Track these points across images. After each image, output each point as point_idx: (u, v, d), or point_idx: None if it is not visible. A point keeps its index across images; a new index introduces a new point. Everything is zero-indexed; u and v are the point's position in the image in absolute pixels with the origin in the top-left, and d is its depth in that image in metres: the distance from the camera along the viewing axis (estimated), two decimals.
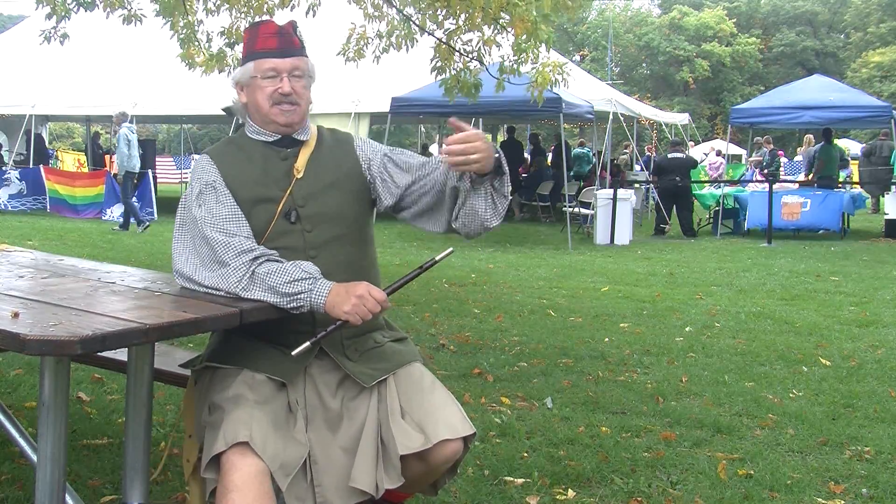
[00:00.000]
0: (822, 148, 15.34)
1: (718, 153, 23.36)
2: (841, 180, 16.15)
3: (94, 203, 15.21)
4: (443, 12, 6.29)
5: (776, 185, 13.73)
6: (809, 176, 15.77)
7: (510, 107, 12.59)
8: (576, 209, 14.08)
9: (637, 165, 19.58)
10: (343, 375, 2.27)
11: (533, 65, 6.21)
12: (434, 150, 20.61)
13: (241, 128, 2.46)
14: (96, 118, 19.95)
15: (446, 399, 2.25)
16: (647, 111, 19.88)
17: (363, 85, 12.98)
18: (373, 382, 2.25)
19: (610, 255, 11.18)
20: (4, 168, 16.51)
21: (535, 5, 5.59)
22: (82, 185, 15.66)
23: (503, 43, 6.35)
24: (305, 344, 2.16)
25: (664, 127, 21.46)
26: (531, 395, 4.38)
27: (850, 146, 27.63)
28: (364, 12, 6.76)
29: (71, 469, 2.99)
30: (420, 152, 21.94)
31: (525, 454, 3.51)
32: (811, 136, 18.54)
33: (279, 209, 2.29)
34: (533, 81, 6.29)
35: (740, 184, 16.12)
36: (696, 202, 15.22)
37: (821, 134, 15.80)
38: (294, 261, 2.20)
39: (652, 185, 15.60)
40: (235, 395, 2.13)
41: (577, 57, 41.36)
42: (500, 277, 8.80)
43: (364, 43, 6.79)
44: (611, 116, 14.93)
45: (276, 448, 2.06)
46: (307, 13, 6.53)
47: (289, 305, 2.16)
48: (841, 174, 17.27)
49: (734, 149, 25.93)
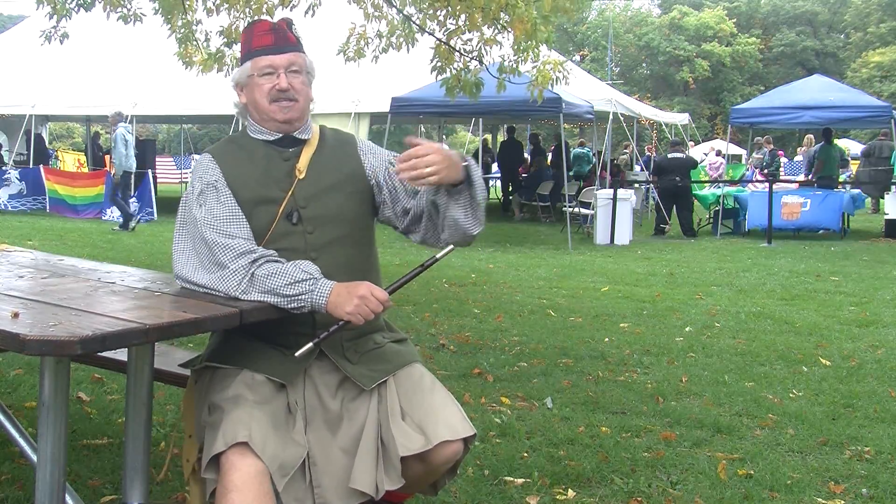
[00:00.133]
0: (822, 148, 15.34)
1: (718, 153, 23.36)
2: (842, 181, 16.13)
3: (94, 203, 15.21)
4: (443, 12, 6.29)
5: (776, 185, 13.73)
6: (809, 176, 15.77)
7: (510, 107, 12.59)
8: (576, 209, 14.08)
9: (637, 165, 19.58)
10: (343, 376, 2.27)
11: (533, 63, 6.21)
12: None
13: (244, 127, 2.46)
14: (96, 118, 19.93)
15: (446, 400, 2.25)
16: (647, 111, 19.87)
17: (363, 85, 12.98)
18: (373, 385, 2.24)
19: (610, 255, 11.18)
20: (4, 168, 16.51)
21: (536, 5, 5.59)
22: (82, 186, 15.67)
23: (503, 42, 6.35)
24: (308, 345, 2.16)
25: (664, 127, 21.46)
26: (531, 395, 4.38)
27: (850, 146, 27.62)
28: (364, 12, 6.76)
29: (71, 469, 2.99)
30: None
31: (525, 454, 3.51)
32: (812, 137, 18.54)
33: (281, 210, 2.28)
34: (533, 80, 6.29)
35: (740, 184, 16.12)
36: (696, 202, 15.22)
37: (821, 134, 15.80)
38: (294, 261, 2.20)
39: (652, 185, 15.60)
40: (235, 396, 2.13)
41: (577, 57, 41.36)
42: (500, 277, 8.80)
43: (364, 43, 6.78)
44: (611, 116, 14.93)
45: (276, 448, 2.06)
46: (307, 13, 6.53)
47: (290, 306, 2.15)
48: (842, 175, 17.26)
49: (734, 149, 25.93)
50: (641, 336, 5.93)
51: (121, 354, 2.57)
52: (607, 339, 5.77)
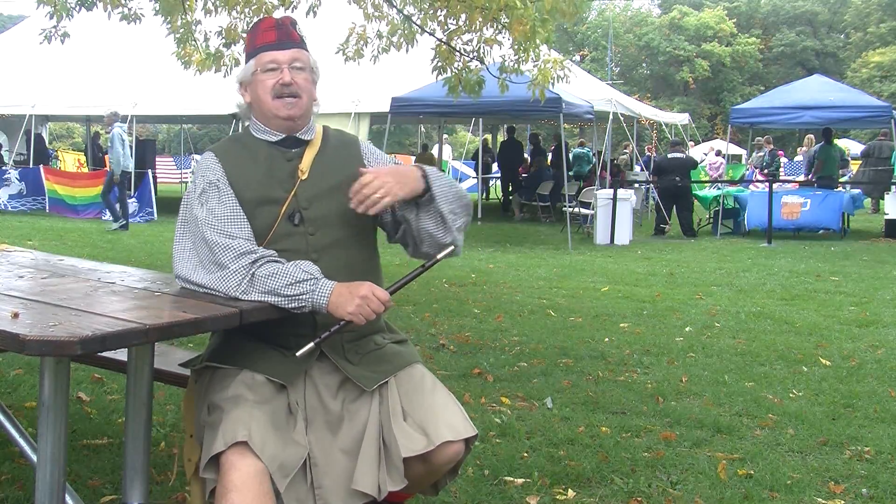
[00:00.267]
0: (822, 148, 15.34)
1: (718, 153, 23.36)
2: (842, 181, 16.13)
3: (94, 203, 15.20)
4: (443, 12, 6.29)
5: (776, 185, 13.73)
6: (809, 176, 15.77)
7: (510, 107, 12.59)
8: (576, 209, 14.08)
9: (637, 165, 19.57)
10: (344, 377, 2.27)
11: (534, 63, 6.21)
12: (434, 152, 20.59)
13: (247, 126, 2.45)
14: (96, 118, 19.91)
15: (448, 400, 2.25)
16: (647, 111, 19.87)
17: (363, 85, 12.99)
18: (374, 386, 2.24)
19: (610, 255, 11.18)
20: (4, 168, 16.50)
21: (535, 5, 5.59)
22: (82, 186, 15.66)
23: (504, 42, 6.35)
24: (309, 345, 2.16)
25: (664, 127, 21.46)
26: (531, 395, 4.38)
27: (850, 146, 27.62)
28: (364, 12, 6.76)
29: (71, 469, 2.99)
30: (420, 152, 21.98)
31: (525, 454, 3.51)
32: (812, 137, 18.53)
33: (283, 211, 2.28)
34: (534, 79, 6.29)
35: (741, 184, 16.12)
36: (696, 202, 15.22)
37: (821, 134, 15.80)
38: (295, 261, 2.19)
39: (652, 185, 15.60)
40: (235, 396, 2.13)
41: (577, 57, 41.36)
42: (500, 277, 8.80)
43: (363, 43, 6.78)
44: (611, 116, 14.93)
45: (276, 448, 2.05)
46: (307, 13, 6.53)
47: (290, 306, 2.15)
48: (843, 176, 17.25)
49: (734, 149, 25.93)
50: (641, 336, 5.92)
51: (121, 354, 2.57)
52: (607, 339, 5.77)
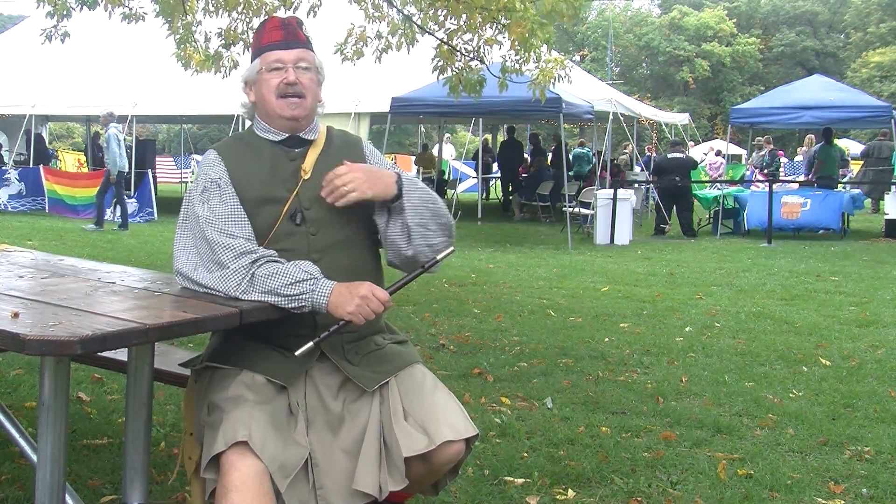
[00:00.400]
0: (822, 148, 15.34)
1: (718, 153, 23.36)
2: (843, 181, 16.13)
3: (94, 203, 15.17)
4: (443, 12, 6.29)
5: (776, 185, 13.72)
6: (809, 176, 15.76)
7: (510, 107, 12.60)
8: (576, 209, 14.08)
9: (637, 165, 19.57)
10: (344, 378, 2.27)
11: (535, 63, 6.21)
12: (435, 152, 20.59)
13: (251, 125, 2.45)
14: (96, 118, 19.90)
15: (448, 400, 2.25)
16: (647, 111, 19.87)
17: (363, 85, 12.98)
18: (375, 386, 2.24)
19: (610, 255, 11.18)
20: (4, 168, 16.50)
21: (535, 5, 5.59)
22: (82, 186, 15.64)
23: (504, 42, 6.35)
24: (308, 344, 2.16)
25: (664, 127, 21.46)
26: (531, 395, 4.38)
27: (850, 146, 27.61)
28: (365, 13, 6.76)
29: (71, 469, 2.99)
30: (420, 152, 21.98)
31: (525, 454, 3.51)
32: (812, 137, 18.53)
33: (285, 210, 2.28)
34: (535, 79, 6.29)
35: (741, 184, 16.12)
36: (696, 202, 15.22)
37: (821, 134, 15.79)
38: (295, 261, 2.19)
39: (652, 185, 15.60)
40: (235, 396, 2.13)
41: (577, 57, 41.34)
42: (500, 277, 8.80)
43: (363, 43, 6.79)
44: (611, 116, 14.93)
45: (276, 449, 2.05)
46: (308, 13, 6.53)
47: (290, 306, 2.15)
48: (844, 177, 17.25)
49: (734, 149, 25.92)
50: (641, 336, 5.92)
51: (121, 354, 2.57)
52: (607, 339, 5.77)
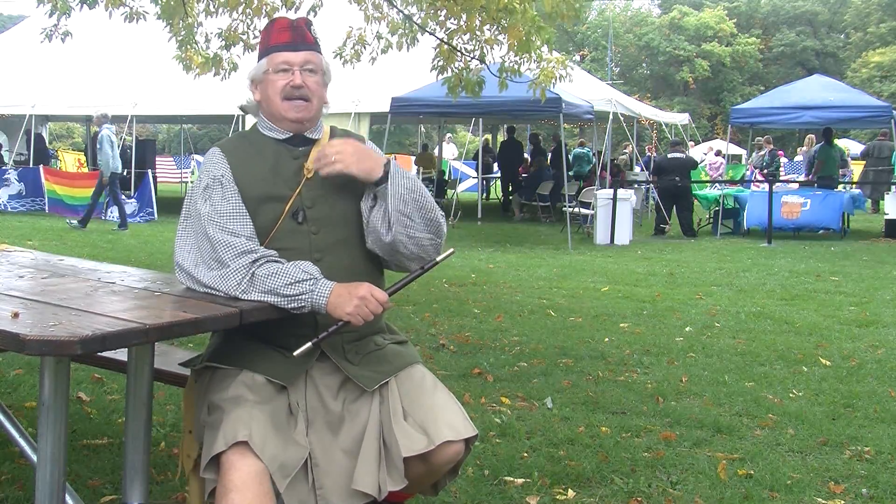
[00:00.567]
0: (822, 148, 15.33)
1: (718, 153, 23.36)
2: (843, 182, 16.12)
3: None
4: (443, 12, 6.29)
5: (776, 186, 13.72)
6: (809, 176, 15.76)
7: (510, 107, 12.59)
8: (576, 209, 14.08)
9: (637, 165, 19.57)
10: (344, 378, 2.27)
11: (535, 63, 6.21)
12: (435, 152, 20.59)
13: (255, 123, 2.45)
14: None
15: (448, 400, 2.25)
16: (647, 111, 19.87)
17: (363, 85, 12.98)
18: (375, 386, 2.24)
19: (610, 255, 11.18)
20: (4, 168, 16.50)
21: (535, 5, 5.59)
22: (81, 186, 15.61)
23: (504, 42, 6.35)
24: (307, 344, 2.16)
25: (664, 127, 21.46)
26: (531, 395, 4.38)
27: (850, 146, 27.61)
28: (364, 13, 6.76)
29: (71, 469, 2.99)
30: (420, 152, 21.98)
31: (525, 454, 3.51)
32: (812, 137, 18.52)
33: (287, 208, 2.28)
34: (535, 79, 6.29)
35: (741, 184, 16.11)
36: (696, 202, 15.22)
37: (821, 134, 15.78)
38: (294, 261, 2.19)
39: (652, 185, 15.60)
40: (235, 396, 2.13)
41: (577, 57, 41.33)
42: (500, 277, 8.80)
43: (362, 46, 6.79)
44: (611, 116, 14.93)
45: (276, 449, 2.05)
46: (309, 13, 6.53)
47: (290, 306, 2.15)
48: (843, 177, 17.23)
49: (734, 149, 25.92)
50: (641, 336, 5.93)
51: (121, 354, 2.57)
52: (607, 339, 5.77)
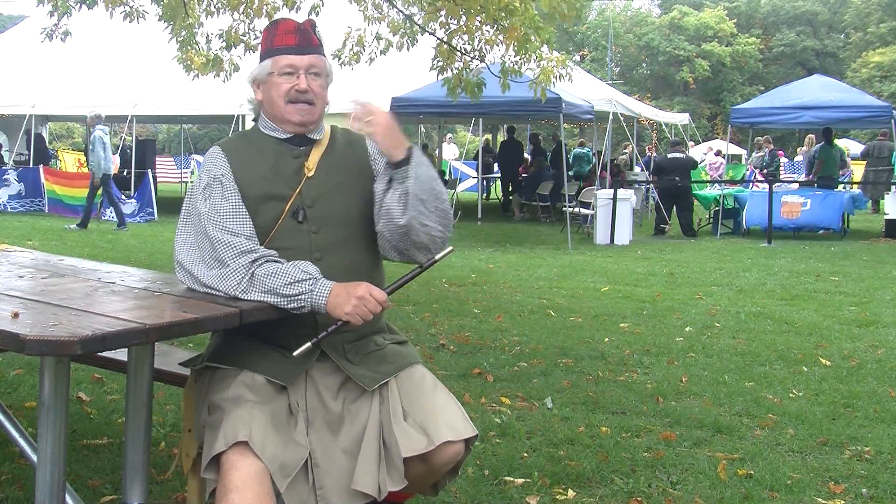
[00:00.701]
0: (822, 148, 15.32)
1: (718, 153, 23.36)
2: (842, 182, 16.12)
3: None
4: (443, 12, 6.29)
5: (776, 186, 13.71)
6: (810, 177, 15.75)
7: (510, 107, 12.59)
8: (576, 209, 14.08)
9: (637, 165, 19.57)
10: (344, 378, 2.27)
11: (536, 63, 6.21)
12: (436, 152, 20.58)
13: (255, 122, 2.45)
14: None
15: (448, 400, 2.25)
16: (647, 111, 19.87)
17: (363, 85, 12.95)
18: (375, 386, 2.24)
19: (610, 255, 11.18)
20: (5, 168, 16.49)
21: (535, 5, 5.59)
22: (80, 186, 15.60)
23: (503, 42, 6.35)
24: (306, 345, 2.16)
25: (664, 127, 21.46)
26: (531, 395, 4.38)
27: (850, 146, 27.61)
28: (364, 14, 6.76)
29: (71, 469, 2.99)
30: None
31: (525, 454, 3.51)
32: (813, 137, 18.51)
33: (287, 207, 2.28)
34: (536, 79, 6.29)
35: (741, 184, 16.11)
36: (696, 202, 15.22)
37: (821, 134, 15.78)
38: (294, 261, 2.19)
39: (652, 185, 15.60)
40: (235, 396, 2.13)
41: (577, 57, 41.31)
42: (500, 277, 8.80)
43: (361, 47, 6.79)
44: (611, 116, 14.92)
45: (276, 449, 2.05)
46: (310, 13, 6.53)
47: (289, 306, 2.15)
48: (842, 177, 17.23)
49: (734, 149, 25.92)
50: (641, 336, 5.92)
51: (121, 354, 2.57)
52: (607, 339, 5.77)
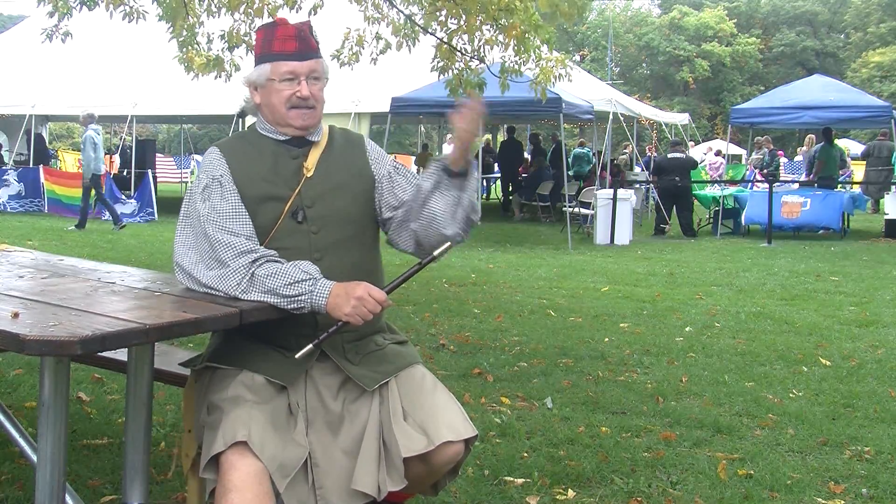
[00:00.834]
0: (822, 148, 15.32)
1: (718, 153, 23.36)
2: (841, 182, 16.11)
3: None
4: (443, 12, 6.29)
5: (776, 185, 13.71)
6: (810, 177, 15.75)
7: (510, 107, 12.59)
8: (576, 209, 14.08)
9: (637, 165, 19.57)
10: (344, 378, 2.27)
11: (535, 63, 6.22)
12: (436, 152, 20.56)
13: (253, 123, 2.45)
14: (96, 118, 19.93)
15: (448, 401, 2.25)
16: (647, 111, 19.87)
17: (363, 85, 12.99)
18: (375, 386, 2.24)
19: (610, 255, 11.18)
20: (4, 168, 16.49)
21: (535, 4, 5.59)
22: (80, 186, 15.60)
23: (504, 42, 6.35)
24: (308, 346, 2.16)
25: (664, 127, 21.46)
26: (531, 395, 4.38)
27: (850, 146, 27.61)
28: (364, 14, 6.75)
29: (71, 469, 2.98)
30: (420, 152, 21.98)
31: (525, 454, 3.51)
32: (813, 137, 18.51)
33: (286, 208, 2.28)
34: (535, 79, 6.29)
35: (741, 184, 16.10)
36: (696, 202, 15.22)
37: (821, 134, 15.78)
38: (294, 261, 2.19)
39: (652, 185, 15.60)
40: (234, 396, 2.13)
41: (577, 57, 41.33)
42: (500, 277, 8.80)
43: (360, 47, 6.79)
44: (611, 116, 14.92)
45: (275, 449, 2.05)
46: (310, 13, 6.53)
47: (290, 307, 2.15)
48: (841, 177, 17.23)
49: (734, 149, 25.92)
50: (641, 336, 5.92)
51: (121, 354, 2.57)
52: (607, 339, 5.77)
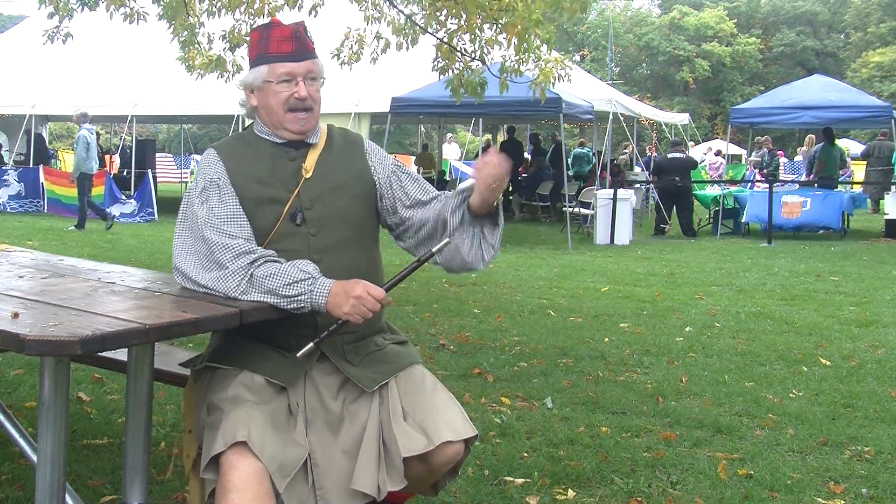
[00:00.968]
0: (823, 148, 15.31)
1: (718, 153, 23.36)
2: (841, 182, 16.11)
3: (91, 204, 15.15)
4: (443, 12, 6.29)
5: (776, 185, 13.71)
6: (810, 177, 15.75)
7: (510, 107, 12.59)
8: (576, 209, 14.08)
9: (637, 166, 19.57)
10: (344, 378, 2.26)
11: (535, 63, 6.22)
12: (436, 152, 20.55)
13: (250, 125, 2.44)
14: (96, 118, 19.92)
15: (448, 401, 2.25)
16: (647, 111, 19.87)
17: (363, 85, 12.98)
18: (375, 387, 2.24)
19: (610, 255, 11.18)
20: (4, 168, 16.49)
21: (533, 5, 5.59)
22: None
23: (503, 42, 6.35)
24: (308, 346, 2.16)
25: (664, 127, 21.45)
26: (531, 395, 4.38)
27: (850, 146, 27.61)
28: (364, 14, 6.76)
29: (71, 469, 2.98)
30: (420, 152, 21.98)
31: (525, 454, 3.51)
32: (813, 137, 18.50)
33: (285, 210, 2.27)
34: (535, 79, 6.29)
35: (741, 184, 16.10)
36: (696, 202, 15.22)
37: (821, 134, 15.77)
38: (293, 261, 2.19)
39: (652, 185, 15.59)
40: (234, 396, 2.13)
41: (577, 57, 41.32)
42: (500, 277, 8.80)
43: (360, 47, 6.79)
44: (611, 116, 14.92)
45: (275, 449, 2.05)
46: (310, 13, 6.53)
47: (289, 307, 2.15)
48: (841, 177, 17.22)
49: (734, 149, 25.92)
50: (641, 336, 5.92)
51: (121, 354, 2.57)
52: (607, 339, 5.77)
